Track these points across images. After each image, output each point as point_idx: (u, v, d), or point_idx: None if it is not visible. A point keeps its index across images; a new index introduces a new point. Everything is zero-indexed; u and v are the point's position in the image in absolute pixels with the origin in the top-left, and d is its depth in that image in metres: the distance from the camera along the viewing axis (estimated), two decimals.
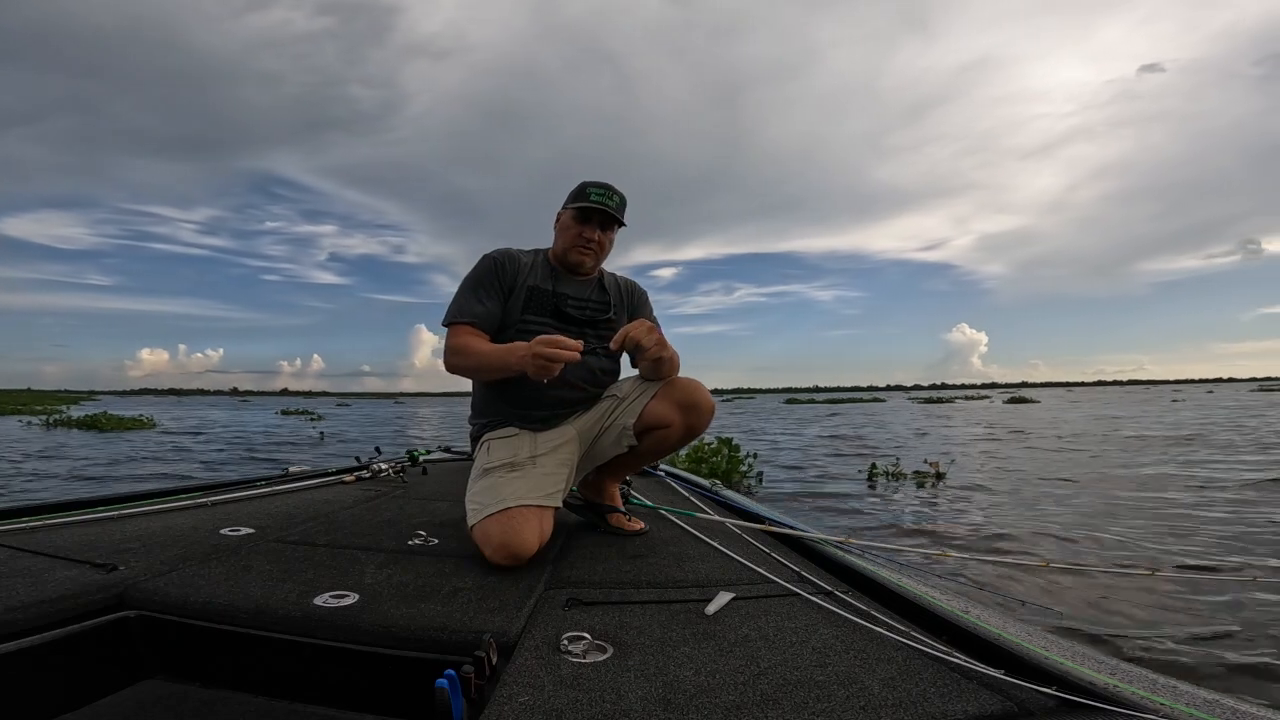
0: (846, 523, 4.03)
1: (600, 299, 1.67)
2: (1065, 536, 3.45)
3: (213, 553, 1.30)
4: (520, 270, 1.58)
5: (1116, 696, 0.71)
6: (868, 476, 5.86)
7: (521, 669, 0.81)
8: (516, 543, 1.26)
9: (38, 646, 0.90)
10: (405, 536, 1.50)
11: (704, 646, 0.90)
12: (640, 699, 0.74)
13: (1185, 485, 5.18)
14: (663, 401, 1.54)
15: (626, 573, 1.26)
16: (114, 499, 1.81)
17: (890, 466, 5.88)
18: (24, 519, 1.49)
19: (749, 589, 1.16)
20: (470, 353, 1.47)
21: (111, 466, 7.53)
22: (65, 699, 0.91)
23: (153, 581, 1.09)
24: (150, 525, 1.53)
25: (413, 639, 0.93)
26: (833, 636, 0.93)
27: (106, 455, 8.75)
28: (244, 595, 1.05)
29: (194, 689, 0.98)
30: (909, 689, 0.76)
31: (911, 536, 3.53)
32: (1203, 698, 0.71)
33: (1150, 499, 4.58)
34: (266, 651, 0.97)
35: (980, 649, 0.88)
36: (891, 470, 5.79)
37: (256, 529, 1.53)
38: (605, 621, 0.99)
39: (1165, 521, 3.78)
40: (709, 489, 2.39)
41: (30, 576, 1.06)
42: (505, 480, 1.39)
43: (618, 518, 1.63)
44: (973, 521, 3.98)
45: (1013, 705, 0.72)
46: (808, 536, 1.57)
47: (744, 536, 1.61)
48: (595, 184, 1.55)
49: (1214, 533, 3.43)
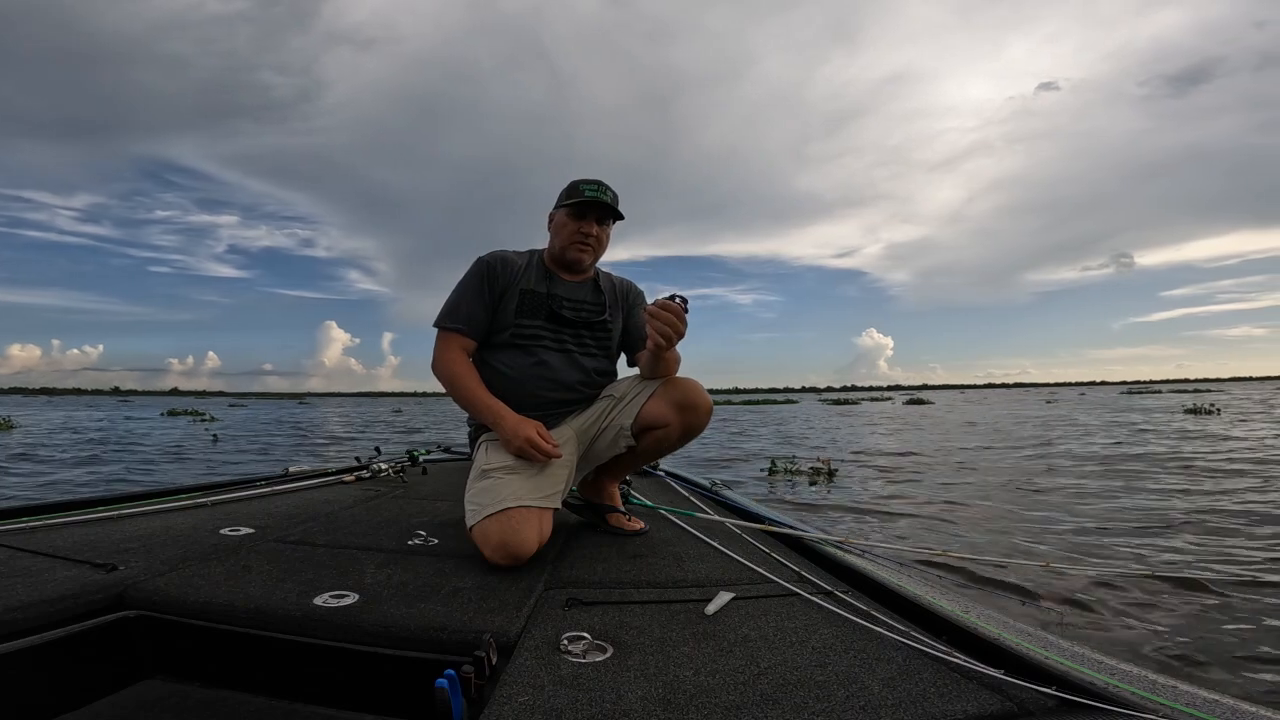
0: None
1: (595, 300, 1.66)
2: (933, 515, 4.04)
3: (212, 553, 1.30)
4: (514, 273, 1.58)
5: (1116, 696, 0.71)
6: (768, 473, 6.27)
7: (521, 669, 0.81)
8: (516, 543, 1.26)
9: (38, 646, 0.90)
10: (405, 536, 1.50)
11: (704, 646, 0.89)
12: (640, 699, 0.74)
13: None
14: (661, 401, 1.53)
15: (626, 573, 1.26)
16: (114, 499, 1.81)
17: (788, 464, 6.32)
18: (24, 519, 1.49)
19: (749, 589, 1.16)
20: (456, 381, 1.52)
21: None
22: (65, 699, 0.91)
23: (152, 581, 1.09)
24: (150, 525, 1.53)
25: (413, 639, 0.93)
26: (833, 636, 0.93)
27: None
28: (244, 595, 1.05)
29: (194, 689, 0.98)
30: (909, 689, 0.76)
31: (911, 536, 3.54)
32: (1203, 697, 0.71)
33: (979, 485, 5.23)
34: (266, 651, 0.97)
35: (980, 649, 0.88)
36: (789, 467, 6.24)
37: (256, 529, 1.53)
38: (605, 621, 0.99)
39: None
40: (709, 489, 2.39)
41: (30, 576, 1.07)
42: (504, 481, 1.39)
43: (617, 518, 1.63)
44: (845, 503, 4.59)
45: (1013, 705, 0.72)
46: (808, 536, 1.57)
47: (744, 536, 1.61)
48: (587, 180, 1.55)
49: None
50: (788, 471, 6.11)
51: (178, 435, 12.49)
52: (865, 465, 6.95)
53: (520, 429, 1.42)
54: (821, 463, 6.10)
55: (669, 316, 1.31)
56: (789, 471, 6.11)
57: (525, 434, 1.41)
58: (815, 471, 5.96)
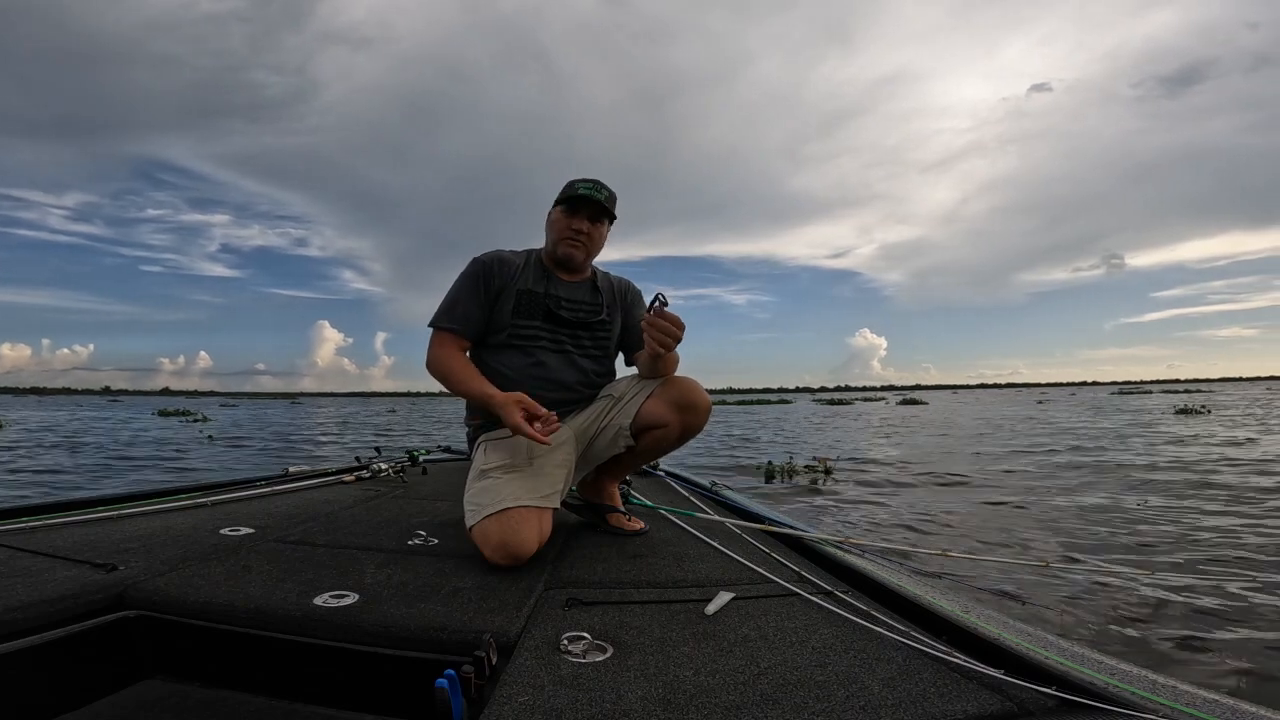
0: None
1: (592, 300, 1.66)
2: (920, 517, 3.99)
3: (212, 553, 1.30)
4: (510, 273, 1.58)
5: (1116, 697, 0.71)
6: (765, 471, 6.26)
7: (521, 669, 0.81)
8: (515, 543, 1.26)
9: (38, 646, 0.90)
10: (405, 536, 1.50)
11: (704, 646, 0.89)
12: (640, 699, 0.74)
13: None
14: (659, 401, 1.53)
15: (626, 573, 1.26)
16: (114, 499, 1.81)
17: (785, 464, 6.29)
18: (24, 519, 1.49)
19: (749, 589, 1.16)
20: (450, 371, 1.51)
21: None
22: (65, 699, 0.91)
23: (152, 581, 1.09)
24: (150, 525, 1.53)
25: (413, 639, 0.93)
26: (833, 636, 0.93)
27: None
28: (244, 595, 1.04)
29: (194, 689, 0.98)
30: (909, 689, 0.76)
31: (911, 536, 3.54)
32: (1203, 697, 0.71)
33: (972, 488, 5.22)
34: (266, 651, 0.97)
35: (980, 649, 0.88)
36: (786, 467, 6.21)
37: (256, 529, 1.53)
38: (605, 621, 0.99)
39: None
40: (709, 489, 2.39)
41: (30, 576, 1.06)
42: (503, 481, 1.39)
43: (617, 517, 1.63)
44: (852, 500, 4.63)
45: (1013, 705, 0.72)
46: (808, 536, 1.57)
47: (744, 536, 1.61)
48: (584, 179, 1.56)
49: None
50: (785, 471, 6.13)
51: (169, 435, 12.27)
52: (864, 465, 6.99)
53: (509, 396, 1.39)
54: (819, 461, 6.12)
55: (666, 325, 1.33)
56: (786, 471, 6.12)
57: (515, 397, 1.38)
58: (812, 471, 5.98)
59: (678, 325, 1.34)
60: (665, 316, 1.32)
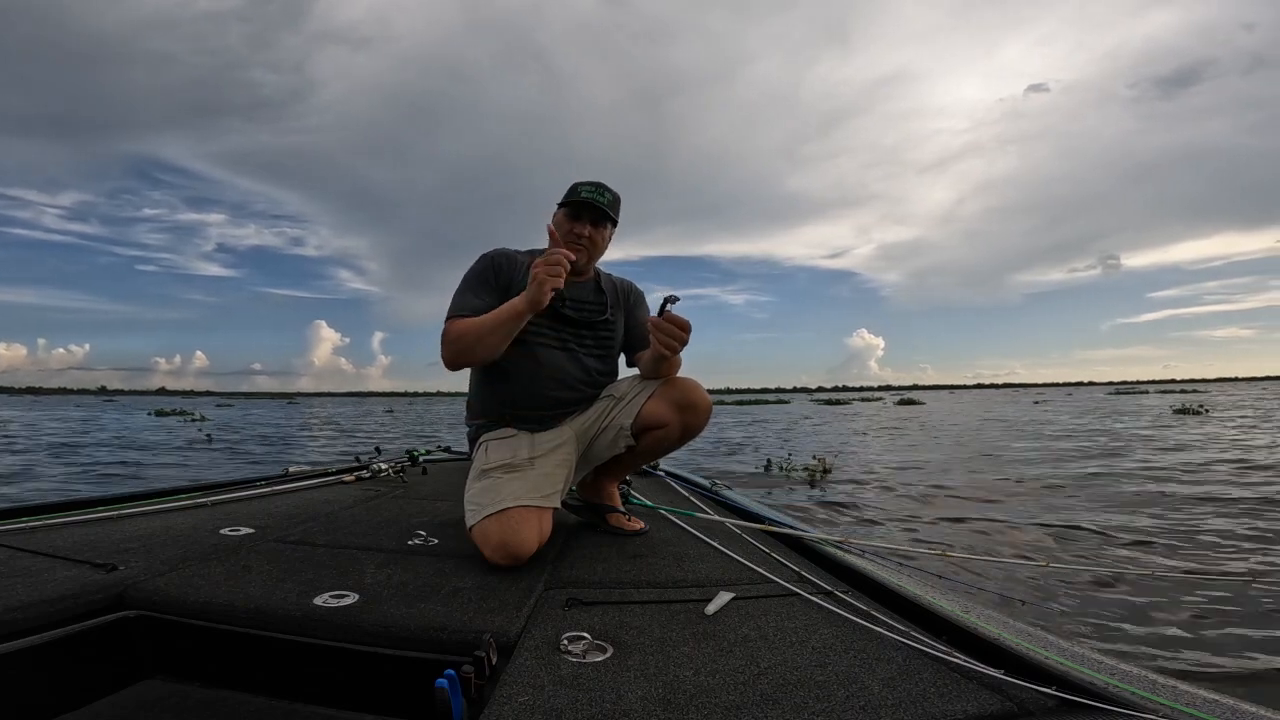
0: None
1: (597, 300, 1.66)
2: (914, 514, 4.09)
3: (212, 553, 1.30)
4: (516, 270, 1.57)
5: (1116, 697, 0.71)
6: (764, 470, 6.35)
7: (521, 669, 0.81)
8: (515, 543, 1.26)
9: (38, 646, 0.90)
10: (405, 536, 1.50)
11: (704, 646, 0.89)
12: (640, 699, 0.74)
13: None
14: (660, 401, 1.53)
15: (626, 573, 1.26)
16: (114, 499, 1.81)
17: (783, 462, 6.38)
18: (24, 519, 1.49)
19: (749, 589, 1.16)
20: (469, 330, 1.42)
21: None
22: (65, 699, 0.91)
23: (152, 581, 1.09)
24: (150, 525, 1.53)
25: (412, 639, 0.93)
26: (833, 636, 0.93)
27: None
28: (244, 595, 1.04)
29: (194, 689, 0.98)
30: (909, 689, 0.76)
31: (911, 536, 3.54)
32: (1203, 697, 0.71)
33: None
34: (266, 651, 0.97)
35: (980, 649, 0.88)
36: (784, 465, 6.30)
37: (256, 529, 1.53)
38: (605, 621, 0.99)
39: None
40: (709, 489, 2.39)
41: (30, 576, 1.06)
42: (503, 481, 1.39)
43: (617, 518, 1.63)
44: (845, 501, 4.70)
45: (1013, 705, 0.72)
46: (808, 536, 1.57)
47: (744, 536, 1.60)
48: (587, 182, 1.55)
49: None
50: (784, 470, 6.15)
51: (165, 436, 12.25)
52: (862, 465, 7.01)
53: (530, 281, 1.33)
54: (817, 460, 6.14)
55: (673, 329, 1.33)
56: (785, 470, 6.15)
57: (535, 271, 1.31)
58: (811, 469, 6.00)
59: (684, 328, 1.34)
60: (673, 319, 1.33)
